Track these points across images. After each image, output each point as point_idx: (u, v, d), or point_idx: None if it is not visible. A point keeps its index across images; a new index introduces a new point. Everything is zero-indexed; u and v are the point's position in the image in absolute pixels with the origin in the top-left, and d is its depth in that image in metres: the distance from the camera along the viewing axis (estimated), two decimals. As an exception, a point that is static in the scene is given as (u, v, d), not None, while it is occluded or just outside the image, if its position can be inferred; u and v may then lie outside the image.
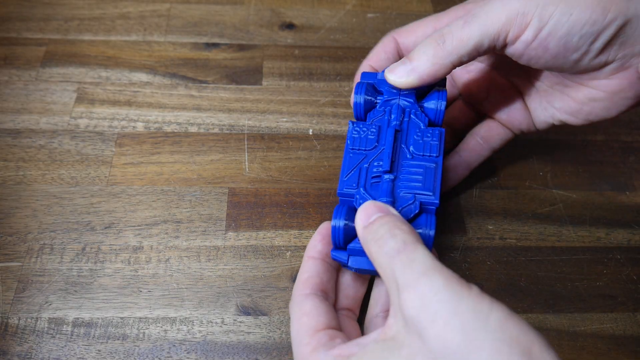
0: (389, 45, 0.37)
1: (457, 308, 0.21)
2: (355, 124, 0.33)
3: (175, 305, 0.35)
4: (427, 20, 0.36)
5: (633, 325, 0.36)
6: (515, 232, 0.40)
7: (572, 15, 0.29)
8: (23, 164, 0.40)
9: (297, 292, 0.30)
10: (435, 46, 0.31)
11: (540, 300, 0.37)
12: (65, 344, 0.33)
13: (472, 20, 0.30)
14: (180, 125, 0.43)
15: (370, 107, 0.34)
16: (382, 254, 0.25)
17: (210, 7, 0.50)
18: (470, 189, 0.41)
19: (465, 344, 0.21)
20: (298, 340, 0.28)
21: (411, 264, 0.24)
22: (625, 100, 0.33)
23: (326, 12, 0.51)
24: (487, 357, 0.20)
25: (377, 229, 0.27)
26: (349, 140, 0.32)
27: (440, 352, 0.21)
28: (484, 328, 0.21)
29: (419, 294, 0.23)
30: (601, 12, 0.29)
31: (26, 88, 0.44)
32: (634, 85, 0.32)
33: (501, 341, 0.20)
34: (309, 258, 0.31)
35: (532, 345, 0.21)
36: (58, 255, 0.36)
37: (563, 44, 0.30)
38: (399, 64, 0.32)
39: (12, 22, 0.48)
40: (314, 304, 0.29)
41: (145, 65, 0.46)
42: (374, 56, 0.37)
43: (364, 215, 0.28)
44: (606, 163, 0.44)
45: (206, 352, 0.34)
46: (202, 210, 0.39)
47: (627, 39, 0.30)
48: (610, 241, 0.40)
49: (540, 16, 0.29)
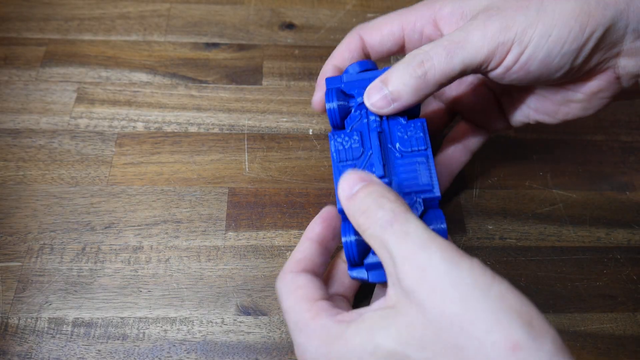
0: (353, 44, 0.35)
1: (456, 279, 0.22)
2: (336, 135, 0.32)
3: (175, 305, 0.35)
4: (392, 16, 0.35)
5: (633, 325, 0.36)
6: (515, 232, 0.40)
7: (551, 36, 0.29)
8: (23, 164, 0.40)
9: (288, 269, 0.29)
10: (416, 78, 0.30)
11: (540, 300, 0.37)
12: (65, 344, 0.33)
13: (454, 51, 0.29)
14: (180, 125, 0.43)
15: (346, 113, 0.33)
16: (371, 226, 0.25)
17: (210, 7, 0.50)
18: (470, 189, 0.41)
19: (465, 314, 0.21)
20: (297, 309, 0.27)
21: (406, 237, 0.24)
22: (602, 100, 0.33)
23: (326, 12, 0.51)
24: (486, 327, 0.20)
25: (363, 199, 0.26)
26: (334, 154, 0.31)
27: (439, 321, 0.21)
28: (484, 299, 0.21)
29: (416, 267, 0.23)
30: (579, 28, 0.28)
31: (26, 88, 0.44)
32: (612, 85, 0.32)
33: (502, 311, 0.21)
34: (306, 239, 0.30)
35: (532, 318, 0.21)
36: (58, 255, 0.36)
37: (545, 66, 0.30)
38: (376, 89, 0.31)
39: (12, 22, 0.48)
40: (308, 279, 0.28)
41: (145, 65, 0.46)
42: (338, 55, 0.36)
43: (346, 186, 0.27)
44: (606, 163, 0.44)
45: (206, 352, 0.34)
46: (202, 210, 0.39)
47: (606, 45, 0.29)
48: (610, 241, 0.40)
49: (520, 41, 0.29)
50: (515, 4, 0.29)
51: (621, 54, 0.30)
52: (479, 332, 0.21)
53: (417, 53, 0.30)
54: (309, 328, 0.26)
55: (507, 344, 0.20)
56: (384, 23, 0.35)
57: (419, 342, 0.22)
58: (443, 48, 0.29)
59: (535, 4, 0.29)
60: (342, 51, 0.36)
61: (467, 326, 0.21)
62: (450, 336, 0.21)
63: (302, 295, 0.27)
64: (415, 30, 0.34)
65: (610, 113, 0.47)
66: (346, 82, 0.34)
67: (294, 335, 0.27)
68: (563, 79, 0.31)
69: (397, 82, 0.30)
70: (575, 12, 0.28)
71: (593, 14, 0.28)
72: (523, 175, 0.42)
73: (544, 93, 0.34)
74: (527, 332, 0.20)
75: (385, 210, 0.25)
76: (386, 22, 0.35)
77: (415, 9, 0.34)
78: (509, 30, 0.29)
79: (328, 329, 0.25)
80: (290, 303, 0.27)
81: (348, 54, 0.35)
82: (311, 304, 0.27)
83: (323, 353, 0.25)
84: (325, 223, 0.31)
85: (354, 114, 0.33)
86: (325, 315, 0.26)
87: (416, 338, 0.22)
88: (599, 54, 0.30)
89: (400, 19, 0.34)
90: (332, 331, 0.25)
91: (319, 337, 0.25)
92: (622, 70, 0.31)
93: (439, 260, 0.22)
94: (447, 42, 0.29)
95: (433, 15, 0.33)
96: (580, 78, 0.32)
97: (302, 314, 0.27)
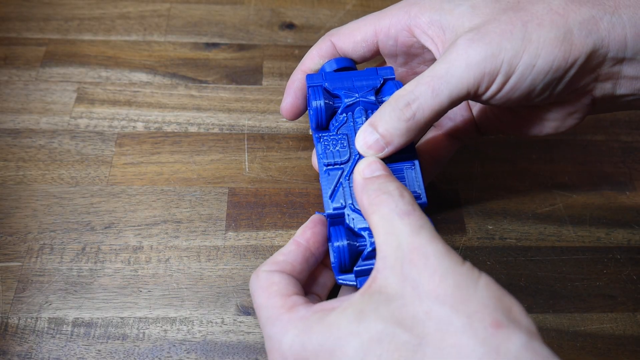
0: (325, 50, 0.35)
1: (454, 270, 0.24)
2: (322, 138, 0.31)
3: (175, 305, 0.35)
4: (365, 21, 0.34)
5: (633, 325, 0.36)
6: (515, 232, 0.40)
7: (535, 66, 0.28)
8: (23, 164, 0.40)
9: (263, 268, 0.29)
10: (406, 121, 0.29)
11: (540, 300, 0.37)
12: (65, 344, 0.33)
13: (439, 88, 0.28)
14: (180, 125, 0.43)
15: (332, 113, 0.32)
16: (386, 208, 0.26)
17: (210, 7, 0.50)
18: (470, 189, 0.41)
19: (456, 297, 0.23)
20: (270, 304, 0.27)
21: (420, 230, 0.25)
22: (575, 120, 0.33)
23: (326, 12, 0.51)
24: (474, 309, 0.23)
25: (385, 184, 0.27)
26: (320, 155, 0.31)
27: (432, 302, 0.23)
28: (474, 287, 0.24)
29: (424, 257, 0.24)
30: (563, 57, 0.28)
31: (26, 88, 0.44)
32: (587, 107, 0.32)
33: (487, 298, 0.23)
34: (294, 242, 0.30)
35: (512, 306, 0.24)
36: (58, 255, 0.36)
37: (527, 93, 0.30)
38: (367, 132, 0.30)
39: (12, 22, 0.48)
40: (282, 277, 0.28)
41: (145, 65, 0.46)
42: (309, 61, 0.35)
43: (366, 167, 0.28)
44: (606, 163, 0.44)
45: (206, 352, 0.34)
46: (202, 210, 0.39)
47: (586, 71, 0.29)
48: (610, 241, 0.40)
49: (506, 71, 0.28)
50: (499, 27, 0.28)
51: (599, 78, 0.30)
52: (468, 311, 0.23)
53: (402, 95, 0.29)
54: (284, 319, 0.26)
55: (492, 322, 0.22)
56: (357, 29, 0.34)
57: (411, 322, 0.23)
58: (427, 86, 0.28)
59: (520, 29, 0.28)
60: (312, 57, 0.35)
61: (457, 306, 0.23)
62: (441, 314, 0.23)
63: (276, 291, 0.27)
64: (390, 37, 0.33)
65: (610, 113, 0.47)
66: (328, 80, 0.33)
67: (266, 329, 0.27)
68: (542, 102, 0.31)
69: (387, 127, 0.29)
70: (559, 40, 0.28)
71: (576, 43, 0.28)
72: (523, 175, 0.42)
73: (520, 112, 0.34)
74: (506, 316, 0.23)
75: (405, 200, 0.26)
76: (359, 27, 0.34)
77: (389, 13, 0.33)
78: (495, 58, 0.28)
79: (306, 319, 0.26)
80: (263, 300, 0.27)
81: (319, 60, 0.35)
82: (285, 299, 0.27)
83: (299, 342, 0.25)
84: (316, 228, 0.31)
85: (340, 116, 0.32)
86: (303, 307, 0.26)
87: (407, 318, 0.23)
88: (579, 80, 0.30)
89: (373, 25, 0.33)
90: (310, 320, 0.25)
91: (296, 327, 0.25)
92: (598, 93, 0.31)
93: (442, 253, 0.24)
94: (430, 78, 0.29)
95: (408, 21, 0.32)
96: (557, 101, 0.32)
97: (275, 309, 0.27)
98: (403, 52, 0.34)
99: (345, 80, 0.33)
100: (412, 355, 0.23)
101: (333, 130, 0.32)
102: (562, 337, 0.35)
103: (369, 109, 0.32)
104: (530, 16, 0.29)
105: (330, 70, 0.34)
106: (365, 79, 0.33)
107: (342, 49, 0.34)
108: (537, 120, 0.34)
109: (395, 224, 0.25)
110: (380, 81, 0.33)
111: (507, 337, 0.22)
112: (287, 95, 0.35)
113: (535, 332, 0.23)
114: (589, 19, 0.28)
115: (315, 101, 0.32)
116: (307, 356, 0.25)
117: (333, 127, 0.32)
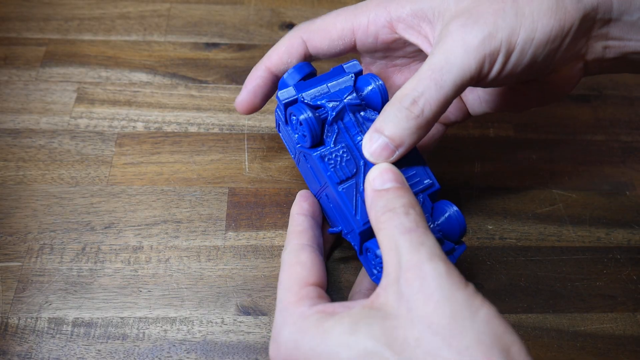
0: (295, 47, 0.33)
1: (451, 296, 0.23)
2: (326, 156, 0.30)
3: (175, 305, 0.35)
4: (339, 17, 0.32)
5: (633, 325, 0.36)
6: (515, 232, 0.39)
7: (535, 39, 0.28)
8: (23, 164, 0.40)
9: (294, 241, 0.30)
10: (415, 118, 0.28)
11: (540, 300, 0.37)
12: (65, 344, 0.33)
13: (442, 79, 0.28)
14: (180, 125, 0.43)
15: (322, 125, 0.31)
16: (390, 226, 0.26)
17: (210, 7, 0.50)
18: (470, 189, 0.41)
19: (450, 329, 0.22)
20: (287, 287, 0.28)
21: (419, 247, 0.24)
22: (570, 87, 0.33)
23: (326, 12, 0.51)
24: (467, 345, 0.21)
25: (393, 200, 0.27)
26: (328, 173, 0.30)
27: (425, 329, 0.22)
28: (471, 319, 0.22)
29: (420, 276, 0.23)
30: (559, 25, 0.28)
31: (26, 88, 0.44)
32: (578, 73, 0.32)
33: (485, 334, 0.22)
34: (298, 215, 0.31)
35: (512, 345, 0.22)
36: (58, 255, 0.36)
37: (529, 67, 0.29)
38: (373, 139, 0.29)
39: (12, 22, 0.48)
40: (311, 256, 0.29)
41: (145, 65, 0.46)
42: (276, 57, 0.33)
43: (378, 177, 0.28)
44: (606, 163, 0.44)
45: (206, 352, 0.34)
46: (202, 210, 0.39)
47: (579, 35, 0.29)
48: (610, 241, 0.40)
49: (506, 50, 0.28)
50: (490, 7, 0.28)
51: (590, 41, 0.30)
52: (460, 346, 0.22)
53: (405, 93, 0.28)
54: (288, 312, 0.27)
55: None
56: (332, 25, 0.33)
57: (400, 346, 0.23)
58: (430, 80, 0.28)
59: (511, 6, 0.28)
60: (280, 54, 0.33)
61: (449, 339, 0.22)
62: (432, 346, 0.22)
63: (297, 274, 0.29)
64: (369, 35, 0.32)
65: (610, 113, 0.47)
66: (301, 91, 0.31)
67: (276, 314, 0.28)
68: (543, 74, 0.31)
69: (396, 129, 0.28)
70: (552, 10, 0.28)
71: (569, 9, 0.28)
72: (523, 175, 0.42)
73: (517, 88, 0.34)
74: (503, 356, 0.21)
75: (410, 218, 0.26)
76: (334, 24, 0.33)
77: (366, 9, 0.32)
78: (493, 39, 0.27)
79: (305, 318, 0.26)
80: (284, 278, 0.29)
81: (287, 58, 0.33)
82: (300, 287, 0.28)
83: (293, 340, 0.26)
84: (310, 200, 0.33)
85: (331, 127, 0.31)
86: (308, 302, 0.27)
87: (398, 341, 0.23)
88: (574, 45, 0.30)
89: (350, 22, 0.32)
90: (308, 320, 0.26)
91: (295, 323, 0.26)
92: (590, 57, 0.31)
93: (441, 274, 0.23)
94: (431, 71, 0.28)
95: (388, 17, 0.31)
96: (554, 70, 0.31)
97: (288, 295, 0.28)
98: (382, 48, 0.33)
99: (319, 87, 0.31)
100: None
101: (329, 144, 0.31)
102: (562, 337, 0.35)
103: (356, 111, 0.31)
104: None
105: (294, 82, 0.32)
106: (336, 80, 0.32)
107: (317, 47, 0.33)
108: (533, 92, 0.33)
109: (397, 241, 0.25)
110: (353, 78, 0.32)
111: None
112: (246, 90, 0.34)
113: None
114: None
115: (305, 112, 0.30)
116: (298, 356, 0.25)
117: (328, 140, 0.31)
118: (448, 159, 0.43)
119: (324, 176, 0.30)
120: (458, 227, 0.30)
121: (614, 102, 0.47)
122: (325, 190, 0.31)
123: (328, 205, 0.32)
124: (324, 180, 0.30)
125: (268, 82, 0.34)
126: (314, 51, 0.33)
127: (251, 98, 0.34)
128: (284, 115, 0.32)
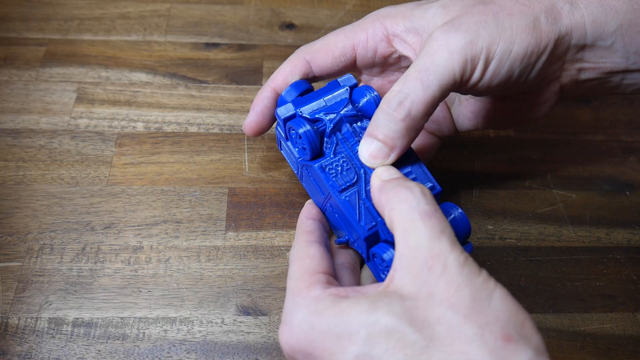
0: (299, 68, 0.34)
1: (471, 280, 0.24)
2: (327, 166, 0.31)
3: (175, 305, 0.35)
4: (339, 36, 0.34)
5: (633, 325, 0.36)
6: (515, 232, 0.40)
7: (512, 52, 0.29)
8: (23, 164, 0.40)
9: (302, 239, 0.31)
10: (402, 120, 0.29)
11: (540, 300, 0.37)
12: (65, 344, 0.33)
13: (427, 79, 0.29)
14: (180, 125, 0.43)
15: (321, 138, 0.32)
16: (406, 205, 0.26)
17: (210, 7, 0.50)
18: (470, 189, 0.41)
19: (471, 308, 0.23)
20: (297, 277, 0.28)
21: (441, 235, 0.25)
22: (545, 109, 0.34)
23: (326, 12, 0.51)
24: (487, 321, 0.23)
25: (409, 183, 0.27)
26: (330, 182, 0.30)
27: (444, 307, 0.23)
28: (488, 299, 0.24)
29: (443, 264, 0.24)
30: (535, 42, 0.30)
31: (26, 88, 0.44)
32: (556, 95, 0.33)
33: (501, 312, 0.23)
34: (307, 219, 0.32)
35: (525, 321, 0.24)
36: (58, 255, 0.36)
37: (505, 80, 0.30)
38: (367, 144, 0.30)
39: (12, 22, 0.48)
40: (320, 250, 0.30)
41: (145, 65, 0.46)
42: (281, 78, 0.34)
43: (385, 172, 0.29)
44: (606, 163, 0.44)
45: (206, 352, 0.34)
46: (202, 210, 0.39)
47: (555, 57, 0.31)
48: (610, 241, 0.40)
49: (486, 57, 0.29)
50: (472, 18, 0.30)
51: (565, 65, 0.32)
52: (481, 322, 0.23)
53: (392, 96, 0.29)
54: (300, 297, 0.27)
55: (503, 334, 0.23)
56: (333, 44, 0.34)
57: (421, 324, 0.23)
58: (416, 80, 0.29)
59: (492, 19, 0.29)
60: (285, 75, 0.34)
61: (470, 316, 0.23)
62: (453, 322, 0.23)
63: (306, 265, 0.29)
64: (368, 49, 0.34)
65: (610, 113, 0.47)
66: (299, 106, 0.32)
67: (286, 300, 0.28)
68: (517, 91, 0.32)
69: (386, 132, 0.29)
70: (529, 27, 0.29)
71: (544, 30, 0.30)
72: (523, 175, 0.42)
73: (494, 104, 0.35)
74: (518, 330, 0.23)
75: (427, 200, 0.26)
76: (335, 42, 0.34)
77: (364, 26, 0.34)
78: (475, 45, 0.29)
79: (319, 300, 0.26)
80: (293, 271, 0.29)
81: (291, 78, 0.34)
82: (310, 276, 0.28)
83: (308, 322, 0.26)
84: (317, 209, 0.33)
85: (329, 139, 0.32)
86: (320, 286, 0.27)
87: (419, 319, 0.23)
88: (549, 66, 0.31)
89: (350, 39, 0.34)
90: (323, 302, 0.26)
91: (308, 305, 0.26)
92: (565, 80, 0.32)
93: (461, 263, 0.24)
94: (417, 72, 0.29)
95: (385, 32, 0.33)
96: (530, 89, 0.33)
97: (298, 283, 0.28)
98: (380, 63, 0.35)
99: (316, 102, 0.32)
100: (418, 355, 0.23)
101: (329, 154, 0.31)
102: (562, 337, 0.35)
103: (353, 121, 0.32)
104: (499, 7, 0.30)
105: (291, 99, 0.33)
106: (332, 94, 0.33)
107: (321, 65, 0.34)
108: (510, 112, 0.35)
109: (416, 224, 0.25)
110: (348, 91, 0.33)
111: (516, 351, 0.22)
112: (254, 112, 0.35)
113: (543, 349, 0.23)
114: (552, 7, 0.30)
115: (303, 126, 0.31)
116: (314, 337, 0.25)
117: (327, 152, 0.32)
118: (448, 159, 0.43)
119: (326, 186, 0.31)
120: (463, 230, 0.30)
121: (614, 102, 0.47)
122: (329, 200, 0.31)
123: (333, 215, 0.32)
124: (327, 190, 0.31)
125: (275, 102, 0.35)
126: (318, 69, 0.35)
127: (259, 119, 0.35)
128: (284, 131, 0.33)
